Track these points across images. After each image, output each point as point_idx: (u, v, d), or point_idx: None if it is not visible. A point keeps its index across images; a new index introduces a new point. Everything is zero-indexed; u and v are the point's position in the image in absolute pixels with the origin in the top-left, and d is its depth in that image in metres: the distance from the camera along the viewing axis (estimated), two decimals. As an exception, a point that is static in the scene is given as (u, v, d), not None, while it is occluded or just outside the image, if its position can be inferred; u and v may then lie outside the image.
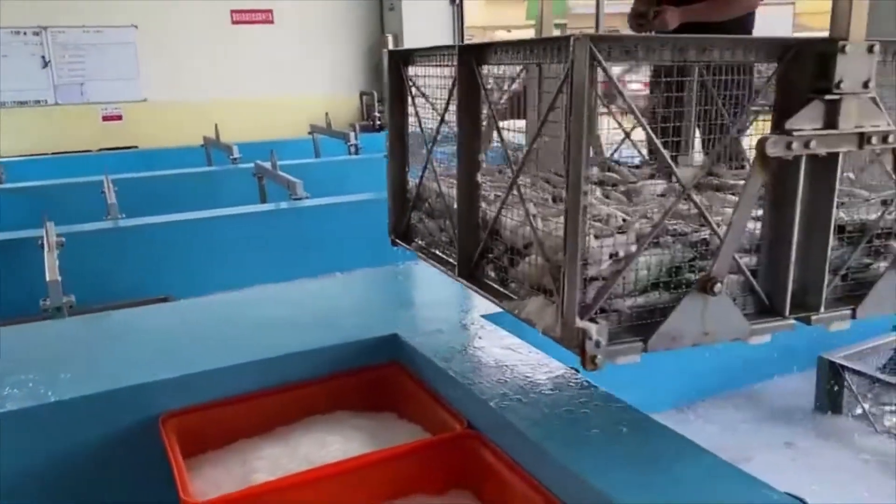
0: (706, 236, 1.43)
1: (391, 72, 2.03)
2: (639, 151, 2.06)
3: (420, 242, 2.04)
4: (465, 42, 1.81)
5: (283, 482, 1.72)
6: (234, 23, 9.88)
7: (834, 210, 1.43)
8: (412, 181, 2.07)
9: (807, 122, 1.34)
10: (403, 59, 2.01)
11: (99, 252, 4.12)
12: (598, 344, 1.29)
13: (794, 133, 1.32)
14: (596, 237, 1.39)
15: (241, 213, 4.73)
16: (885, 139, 1.39)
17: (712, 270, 1.34)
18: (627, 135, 2.02)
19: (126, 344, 2.26)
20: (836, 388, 3.40)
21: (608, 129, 1.86)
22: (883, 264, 1.56)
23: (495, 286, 1.65)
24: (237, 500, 1.68)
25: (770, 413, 3.43)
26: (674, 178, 1.59)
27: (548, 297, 1.40)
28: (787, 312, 1.46)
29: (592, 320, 1.31)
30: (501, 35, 13.96)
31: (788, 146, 1.32)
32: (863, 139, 1.37)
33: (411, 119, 2.04)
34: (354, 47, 10.57)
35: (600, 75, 1.26)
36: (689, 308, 1.35)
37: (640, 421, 1.71)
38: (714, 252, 1.37)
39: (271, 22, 10.09)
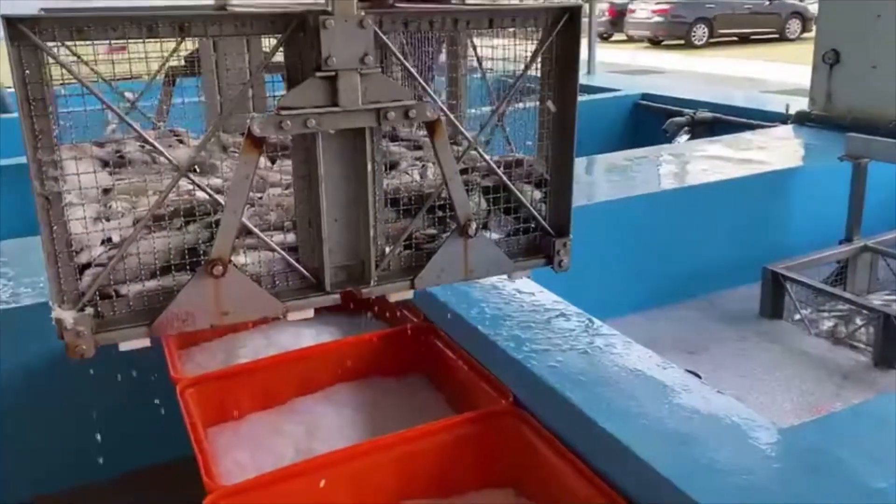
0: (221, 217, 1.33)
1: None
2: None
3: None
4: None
5: (256, 364, 2.06)
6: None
7: (371, 184, 1.37)
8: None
9: (306, 99, 1.26)
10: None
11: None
12: (78, 333, 1.22)
13: (284, 112, 1.24)
14: (99, 219, 1.32)
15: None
16: (406, 114, 1.32)
17: (214, 252, 1.27)
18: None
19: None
20: (777, 295, 3.69)
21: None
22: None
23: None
24: (216, 378, 1.99)
25: (722, 316, 3.87)
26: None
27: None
28: (328, 287, 1.40)
29: (85, 308, 1.24)
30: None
31: (280, 125, 1.24)
32: (380, 115, 1.31)
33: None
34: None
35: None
36: (199, 289, 1.28)
37: (573, 315, 2.08)
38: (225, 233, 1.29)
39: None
